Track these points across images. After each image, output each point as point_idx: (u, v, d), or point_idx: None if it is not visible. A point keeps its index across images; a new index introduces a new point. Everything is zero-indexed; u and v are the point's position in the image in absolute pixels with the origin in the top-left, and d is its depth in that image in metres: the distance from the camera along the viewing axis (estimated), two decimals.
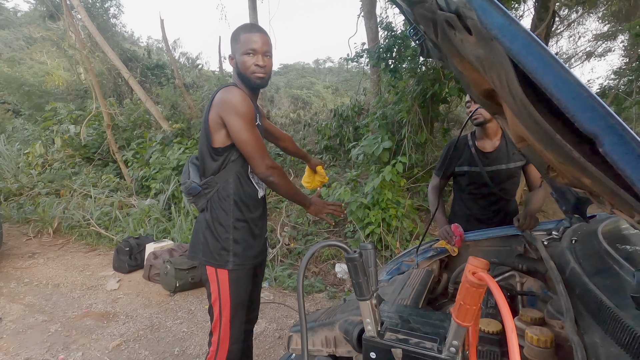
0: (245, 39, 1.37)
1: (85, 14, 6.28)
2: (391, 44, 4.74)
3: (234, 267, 1.43)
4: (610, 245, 0.98)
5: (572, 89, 0.38)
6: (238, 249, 1.44)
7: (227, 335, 1.45)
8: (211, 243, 1.45)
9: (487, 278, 0.51)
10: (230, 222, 1.44)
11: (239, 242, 1.45)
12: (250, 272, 1.52)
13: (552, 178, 0.86)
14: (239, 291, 1.45)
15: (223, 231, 1.44)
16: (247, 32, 1.38)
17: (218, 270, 1.43)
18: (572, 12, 8.08)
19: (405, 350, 0.65)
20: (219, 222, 1.44)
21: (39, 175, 6.54)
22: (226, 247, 1.43)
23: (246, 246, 1.47)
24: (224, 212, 1.44)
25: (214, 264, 1.44)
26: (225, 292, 1.43)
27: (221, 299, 1.43)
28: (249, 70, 1.38)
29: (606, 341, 0.68)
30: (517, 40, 0.42)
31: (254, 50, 1.37)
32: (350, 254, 0.63)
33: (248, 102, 1.35)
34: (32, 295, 3.30)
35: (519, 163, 1.84)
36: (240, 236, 1.45)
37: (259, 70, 1.39)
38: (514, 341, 0.43)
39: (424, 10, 0.72)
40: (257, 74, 1.39)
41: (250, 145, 1.35)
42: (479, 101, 0.90)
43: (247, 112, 1.34)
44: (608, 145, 0.38)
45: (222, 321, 1.44)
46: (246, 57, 1.37)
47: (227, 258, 1.43)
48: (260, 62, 1.38)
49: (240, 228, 1.46)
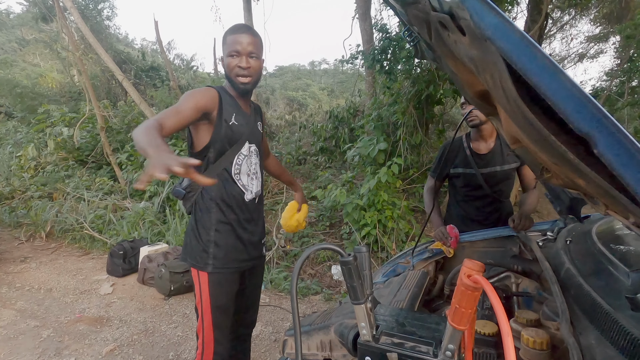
0: (231, 40, 1.34)
1: (79, 16, 6.23)
2: (386, 45, 4.76)
3: (213, 270, 1.40)
4: (604, 245, 0.99)
5: (567, 90, 0.38)
6: (218, 252, 1.41)
7: (211, 338, 1.43)
8: (194, 245, 1.43)
9: (483, 281, 0.50)
10: (212, 224, 1.41)
11: (219, 245, 1.41)
12: (235, 277, 1.47)
13: (546, 179, 0.86)
14: (219, 295, 1.42)
15: (205, 233, 1.41)
16: (233, 33, 1.35)
17: (200, 272, 1.41)
18: (565, 14, 8.17)
19: (400, 355, 0.64)
20: (202, 224, 1.42)
21: (32, 178, 6.46)
22: (206, 250, 1.40)
23: (229, 250, 1.43)
24: (207, 214, 1.41)
25: (196, 266, 1.42)
26: (206, 295, 1.40)
27: (202, 301, 1.41)
28: (232, 73, 1.35)
29: (602, 343, 0.67)
30: (511, 40, 0.41)
31: (237, 51, 1.33)
32: (344, 258, 0.62)
33: (204, 94, 1.30)
34: (23, 300, 3.25)
35: (514, 165, 1.84)
36: (221, 239, 1.42)
37: (242, 72, 1.34)
38: (510, 345, 0.43)
39: (418, 11, 0.72)
40: (240, 77, 1.35)
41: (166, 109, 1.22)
42: (473, 102, 0.90)
43: (191, 92, 1.29)
44: (602, 146, 0.37)
45: (205, 324, 1.42)
46: (230, 59, 1.34)
47: (206, 260, 1.40)
48: (243, 64, 1.33)
49: (222, 231, 1.42)
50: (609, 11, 8.05)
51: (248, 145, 1.45)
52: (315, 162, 6.92)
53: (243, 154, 1.44)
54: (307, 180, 6.17)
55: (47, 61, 15.38)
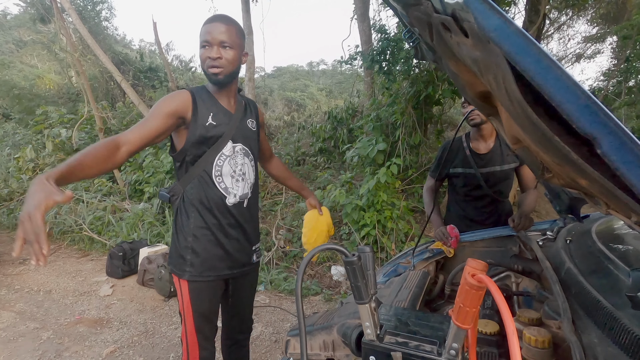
0: (202, 31, 1.26)
1: (77, 17, 6.21)
2: (385, 46, 4.77)
3: (190, 277, 1.33)
4: (604, 244, 0.99)
5: (570, 91, 0.39)
6: (196, 260, 1.34)
7: (195, 344, 1.39)
8: (173, 250, 1.38)
9: (487, 280, 0.51)
10: (190, 229, 1.34)
11: (197, 251, 1.34)
12: (216, 285, 1.40)
13: (547, 179, 0.87)
14: (200, 302, 1.36)
15: (183, 239, 1.35)
16: (205, 23, 1.27)
17: (180, 280, 1.35)
18: (562, 14, 8.21)
19: (405, 354, 0.64)
20: (181, 229, 1.36)
21: (30, 180, 6.44)
22: (183, 256, 1.34)
23: (207, 257, 1.35)
24: (186, 219, 1.35)
25: (175, 273, 1.36)
26: (187, 302, 1.35)
27: (184, 308, 1.36)
28: (205, 65, 1.27)
29: (603, 341, 0.68)
30: (514, 42, 0.42)
31: (207, 42, 1.24)
32: (348, 258, 0.63)
33: (172, 97, 1.25)
34: (23, 303, 3.24)
35: (513, 165, 1.85)
36: (200, 245, 1.34)
37: (211, 62, 1.25)
38: (515, 343, 0.43)
39: (419, 13, 0.73)
40: (210, 68, 1.26)
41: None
42: (473, 103, 0.91)
43: (160, 103, 1.24)
44: (606, 146, 0.38)
45: (188, 330, 1.37)
46: (202, 51, 1.26)
47: (183, 267, 1.34)
48: (213, 54, 1.23)
49: (200, 236, 1.34)
50: (606, 12, 8.10)
51: (232, 145, 1.36)
52: (314, 162, 6.92)
53: (225, 154, 1.35)
54: (306, 181, 6.17)
55: (44, 62, 15.33)
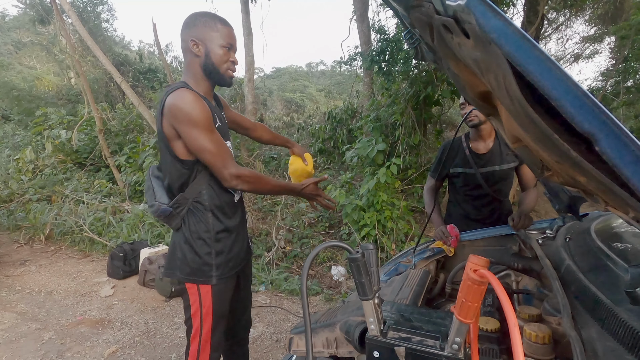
0: (225, 32, 1.28)
1: (77, 18, 6.22)
2: (384, 46, 4.78)
3: (217, 281, 1.35)
4: (603, 242, 1.01)
5: (569, 90, 0.40)
6: (221, 261, 1.37)
7: (208, 345, 1.39)
8: (191, 259, 1.34)
9: (489, 275, 0.52)
10: (211, 235, 1.35)
11: (221, 253, 1.37)
12: (234, 280, 1.46)
13: (546, 177, 0.88)
14: (221, 303, 1.40)
15: (203, 245, 1.34)
16: (224, 24, 1.29)
17: (200, 286, 1.35)
18: (560, 15, 8.24)
19: (408, 349, 0.66)
20: (198, 236, 1.34)
21: (30, 181, 6.44)
22: (208, 262, 1.34)
23: (229, 256, 1.40)
24: (203, 226, 1.34)
25: (196, 281, 1.35)
26: (208, 306, 1.36)
27: (202, 312, 1.36)
28: (224, 66, 1.29)
29: (603, 336, 0.69)
30: (515, 43, 0.43)
31: (232, 45, 1.29)
32: (353, 255, 0.64)
33: (201, 106, 1.21)
34: (24, 303, 3.24)
35: (512, 164, 1.87)
36: (222, 247, 1.37)
37: (233, 67, 1.32)
38: (516, 335, 0.44)
39: (421, 14, 0.74)
40: (231, 72, 1.32)
41: (209, 153, 1.23)
42: (473, 103, 0.92)
43: (201, 118, 1.20)
44: (604, 144, 0.39)
45: (203, 332, 1.38)
46: (224, 51, 1.28)
47: (210, 273, 1.34)
48: (236, 59, 1.32)
49: (222, 239, 1.37)
50: (604, 12, 8.13)
51: (229, 144, 1.40)
52: (314, 163, 6.93)
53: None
54: None
55: (43, 64, 15.32)
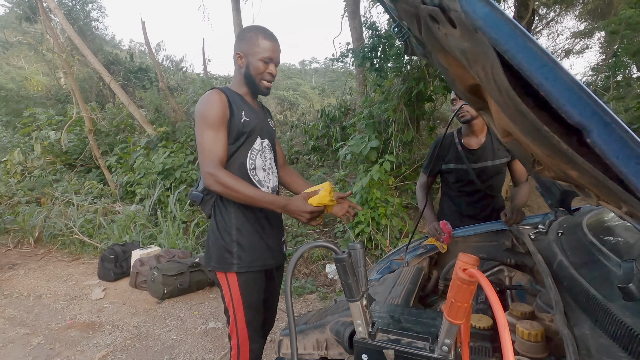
0: (267, 46, 1.39)
1: (63, 17, 6.11)
2: (376, 43, 4.76)
3: (239, 269, 1.40)
4: (595, 237, 1.00)
5: (559, 79, 0.38)
6: (243, 253, 1.41)
7: (246, 337, 1.44)
8: (217, 247, 1.43)
9: (478, 274, 0.50)
10: (232, 224, 1.41)
11: (242, 244, 1.41)
12: (262, 275, 1.48)
13: (538, 172, 0.86)
14: (250, 293, 1.43)
15: (227, 235, 1.41)
16: (268, 39, 1.40)
17: (227, 274, 1.41)
18: (551, 10, 8.28)
19: (397, 351, 0.64)
20: (223, 226, 1.42)
21: (18, 183, 6.33)
22: (230, 250, 1.41)
23: (253, 249, 1.43)
24: (227, 216, 1.42)
25: (221, 269, 1.42)
26: (237, 295, 1.41)
27: (233, 302, 1.42)
28: (260, 77, 1.41)
29: (595, 332, 0.68)
30: (502, 30, 0.41)
31: (271, 59, 1.40)
32: (338, 255, 0.61)
33: (214, 103, 1.33)
34: (12, 308, 3.18)
35: (504, 159, 1.86)
36: (244, 239, 1.42)
37: (271, 79, 1.43)
38: (507, 338, 0.43)
39: (407, 5, 0.71)
40: (267, 83, 1.44)
41: (200, 147, 1.32)
42: (463, 97, 0.90)
43: (207, 113, 1.32)
44: (596, 135, 0.37)
45: (238, 324, 1.43)
46: (262, 64, 1.40)
47: (231, 261, 1.40)
48: (274, 72, 1.42)
49: (244, 230, 1.42)
50: (594, 7, 8.19)
51: (260, 140, 1.47)
52: (307, 161, 6.90)
53: (256, 149, 1.45)
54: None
55: (32, 64, 15.07)
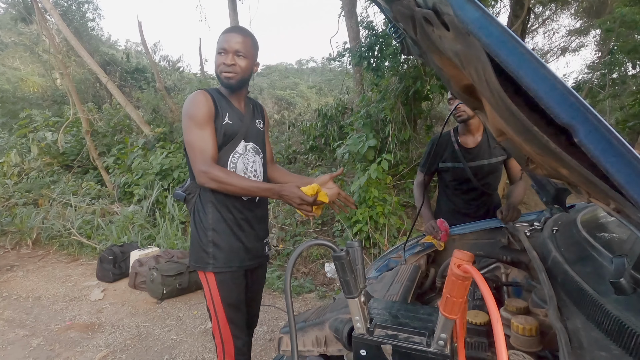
0: (220, 39, 1.39)
1: (59, 17, 6.09)
2: (372, 42, 4.77)
3: (214, 269, 1.42)
4: (589, 233, 1.02)
5: (547, 81, 0.39)
6: (218, 253, 1.42)
7: (229, 334, 1.46)
8: (195, 247, 1.45)
9: (472, 270, 0.51)
10: (209, 224, 1.42)
11: (219, 245, 1.42)
12: (240, 275, 1.48)
13: (531, 170, 0.88)
14: (229, 293, 1.44)
15: (203, 235, 1.43)
16: (224, 33, 1.40)
17: (206, 273, 1.43)
18: (547, 9, 8.31)
19: (394, 346, 0.65)
20: (200, 226, 1.44)
21: (15, 185, 6.31)
22: (206, 250, 1.42)
23: (228, 249, 1.44)
24: (204, 216, 1.43)
25: (199, 268, 1.44)
26: (216, 294, 1.42)
27: (214, 301, 1.44)
28: (218, 69, 1.40)
29: (588, 326, 0.70)
30: (493, 34, 0.42)
31: (224, 49, 1.37)
32: (337, 252, 0.63)
33: (200, 103, 1.35)
34: (11, 310, 3.18)
35: (501, 158, 1.88)
36: (220, 239, 1.43)
37: (225, 68, 1.38)
38: (499, 331, 0.44)
39: (402, 7, 0.73)
40: (225, 73, 1.38)
41: (189, 146, 1.34)
42: (459, 97, 0.92)
43: (194, 113, 1.34)
44: (583, 135, 0.38)
45: (220, 322, 1.44)
46: (217, 57, 1.39)
47: (207, 260, 1.42)
48: (228, 61, 1.36)
49: (220, 231, 1.43)
50: (589, 5, 8.23)
51: (244, 143, 1.46)
52: (305, 160, 6.91)
53: (238, 152, 1.44)
54: None
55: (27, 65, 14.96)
